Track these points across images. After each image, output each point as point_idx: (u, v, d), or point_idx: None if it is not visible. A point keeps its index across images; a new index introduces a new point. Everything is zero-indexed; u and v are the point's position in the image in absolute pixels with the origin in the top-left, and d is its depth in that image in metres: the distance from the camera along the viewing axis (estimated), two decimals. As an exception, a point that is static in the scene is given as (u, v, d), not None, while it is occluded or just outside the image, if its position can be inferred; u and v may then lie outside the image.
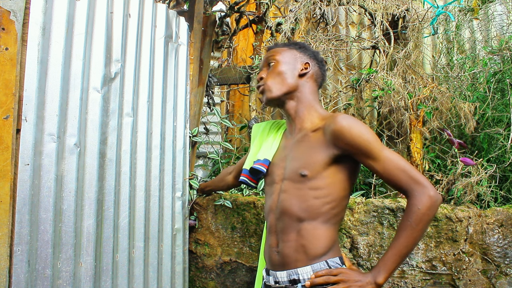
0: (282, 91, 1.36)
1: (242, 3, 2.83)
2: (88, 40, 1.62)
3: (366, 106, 2.87)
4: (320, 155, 1.24)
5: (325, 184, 1.24)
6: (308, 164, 1.25)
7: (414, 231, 1.14)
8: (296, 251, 1.24)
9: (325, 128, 1.25)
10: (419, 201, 1.14)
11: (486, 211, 1.85)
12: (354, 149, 1.20)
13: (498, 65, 2.41)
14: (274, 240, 1.31)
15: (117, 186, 1.71)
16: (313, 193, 1.23)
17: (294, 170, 1.28)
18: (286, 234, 1.27)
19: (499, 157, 2.19)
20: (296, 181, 1.26)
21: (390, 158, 1.19)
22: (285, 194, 1.29)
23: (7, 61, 1.37)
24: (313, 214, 1.23)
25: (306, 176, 1.24)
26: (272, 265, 1.31)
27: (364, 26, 3.32)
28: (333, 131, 1.21)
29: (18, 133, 1.38)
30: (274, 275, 1.30)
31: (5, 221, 1.33)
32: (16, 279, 1.34)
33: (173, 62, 2.07)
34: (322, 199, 1.23)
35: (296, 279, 1.24)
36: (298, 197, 1.25)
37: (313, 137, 1.29)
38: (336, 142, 1.21)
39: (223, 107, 3.67)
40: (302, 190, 1.25)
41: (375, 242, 1.87)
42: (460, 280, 1.80)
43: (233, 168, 1.86)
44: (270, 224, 1.33)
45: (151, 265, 1.84)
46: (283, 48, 1.43)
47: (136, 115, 1.82)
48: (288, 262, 1.26)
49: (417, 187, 1.15)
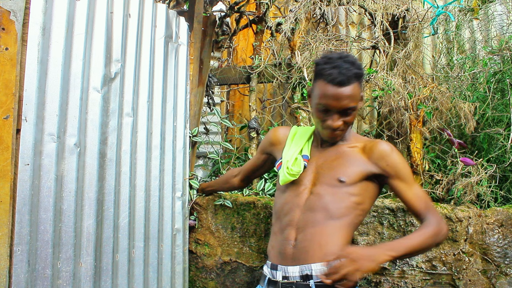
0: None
1: (242, 3, 2.83)
2: (88, 40, 1.62)
3: (366, 106, 2.87)
4: (358, 168, 1.36)
5: (360, 192, 1.35)
6: (347, 173, 1.35)
7: (428, 239, 1.28)
8: (314, 246, 1.28)
9: (366, 147, 1.39)
10: (436, 223, 1.31)
11: (486, 211, 1.85)
12: (394, 171, 1.34)
13: (498, 65, 2.41)
14: (293, 233, 1.34)
15: (117, 186, 1.71)
16: (350, 197, 1.34)
17: (331, 176, 1.36)
18: (310, 228, 1.31)
19: (499, 157, 2.19)
20: (333, 186, 1.35)
21: (418, 188, 1.39)
22: (319, 195, 1.36)
23: (7, 61, 1.37)
24: (346, 214, 1.33)
25: (344, 182, 1.34)
26: (284, 259, 1.32)
27: (364, 26, 3.32)
28: (378, 152, 1.35)
29: (18, 133, 1.38)
30: (284, 269, 1.31)
31: (5, 221, 1.33)
32: (16, 279, 1.34)
33: (173, 62, 2.06)
34: (356, 204, 1.35)
35: (309, 275, 1.25)
36: (335, 197, 1.34)
37: (349, 152, 1.40)
38: (378, 162, 1.34)
39: (223, 107, 3.67)
40: (339, 193, 1.34)
41: (375, 242, 1.88)
42: (460, 280, 1.80)
43: (238, 171, 1.87)
44: (291, 218, 1.36)
45: (151, 265, 1.84)
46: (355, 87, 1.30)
47: (136, 115, 1.82)
48: (303, 256, 1.29)
49: (435, 216, 1.33)
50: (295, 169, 1.40)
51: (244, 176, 1.83)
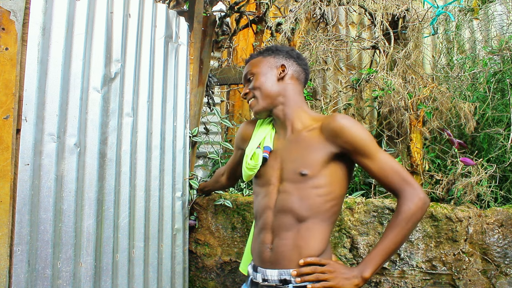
0: (267, 101, 1.39)
1: (242, 3, 2.83)
2: (88, 40, 1.62)
3: (366, 106, 2.87)
4: (318, 154, 1.26)
5: (326, 182, 1.26)
6: (307, 163, 1.26)
7: (403, 229, 1.18)
8: (291, 251, 1.25)
9: (322, 127, 1.28)
10: (410, 201, 1.19)
11: (486, 211, 1.85)
12: (352, 147, 1.23)
13: (498, 65, 2.41)
14: (269, 236, 1.30)
15: (117, 186, 1.71)
16: (315, 191, 1.25)
17: (293, 170, 1.28)
18: (284, 232, 1.27)
19: (499, 157, 2.19)
20: (297, 181, 1.27)
21: (385, 159, 1.24)
22: (286, 194, 1.29)
23: (7, 61, 1.37)
24: (315, 212, 1.25)
25: (306, 175, 1.25)
26: (262, 262, 1.30)
27: (364, 26, 3.32)
28: (332, 129, 1.24)
29: (18, 133, 1.38)
30: (263, 272, 1.29)
31: (5, 221, 1.33)
32: (16, 279, 1.34)
33: (173, 62, 2.07)
34: (324, 197, 1.26)
35: (287, 280, 1.24)
36: (300, 196, 1.26)
37: (308, 136, 1.31)
38: (335, 140, 1.24)
39: (223, 107, 3.67)
40: (304, 189, 1.26)
41: (375, 242, 1.87)
42: (460, 280, 1.80)
43: (224, 170, 1.86)
44: (265, 221, 1.32)
45: (151, 265, 1.84)
46: (257, 59, 1.45)
47: (136, 115, 1.82)
48: (281, 261, 1.26)
49: (408, 188, 1.21)
50: (252, 163, 1.37)
51: (229, 174, 1.81)
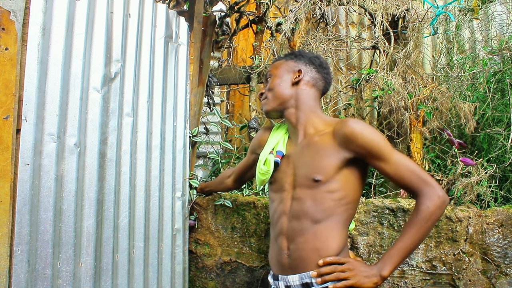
0: (276, 103, 1.42)
1: (242, 3, 2.83)
2: (88, 40, 1.62)
3: (366, 106, 2.87)
4: (331, 159, 1.27)
5: (340, 187, 1.27)
6: (320, 169, 1.27)
7: (422, 228, 1.19)
8: (310, 253, 1.25)
9: (334, 132, 1.28)
10: (429, 200, 1.20)
11: (486, 211, 1.85)
12: (366, 151, 1.23)
13: (498, 65, 2.41)
14: (285, 242, 1.31)
15: (117, 186, 1.71)
16: (330, 196, 1.26)
17: (306, 176, 1.29)
18: (300, 236, 1.28)
19: (499, 157, 2.19)
20: (311, 187, 1.28)
21: (400, 160, 1.24)
22: (300, 200, 1.30)
23: (7, 61, 1.37)
24: (330, 214, 1.26)
25: (320, 181, 1.26)
26: (282, 269, 1.31)
27: (364, 26, 3.32)
28: (344, 135, 1.24)
29: (18, 133, 1.38)
30: (285, 279, 1.30)
31: (5, 221, 1.33)
32: (16, 279, 1.34)
33: (173, 62, 2.06)
34: (338, 201, 1.27)
35: (308, 283, 1.24)
36: (314, 200, 1.27)
37: (320, 141, 1.31)
38: (348, 145, 1.25)
39: (223, 107, 3.67)
40: (318, 194, 1.27)
41: (375, 242, 1.87)
42: (460, 280, 1.80)
43: (231, 172, 1.87)
44: (281, 227, 1.33)
45: (151, 265, 1.84)
46: (280, 61, 1.49)
47: (136, 115, 1.82)
48: (300, 265, 1.26)
49: (427, 188, 1.21)
50: (264, 168, 1.38)
51: (237, 177, 1.83)
